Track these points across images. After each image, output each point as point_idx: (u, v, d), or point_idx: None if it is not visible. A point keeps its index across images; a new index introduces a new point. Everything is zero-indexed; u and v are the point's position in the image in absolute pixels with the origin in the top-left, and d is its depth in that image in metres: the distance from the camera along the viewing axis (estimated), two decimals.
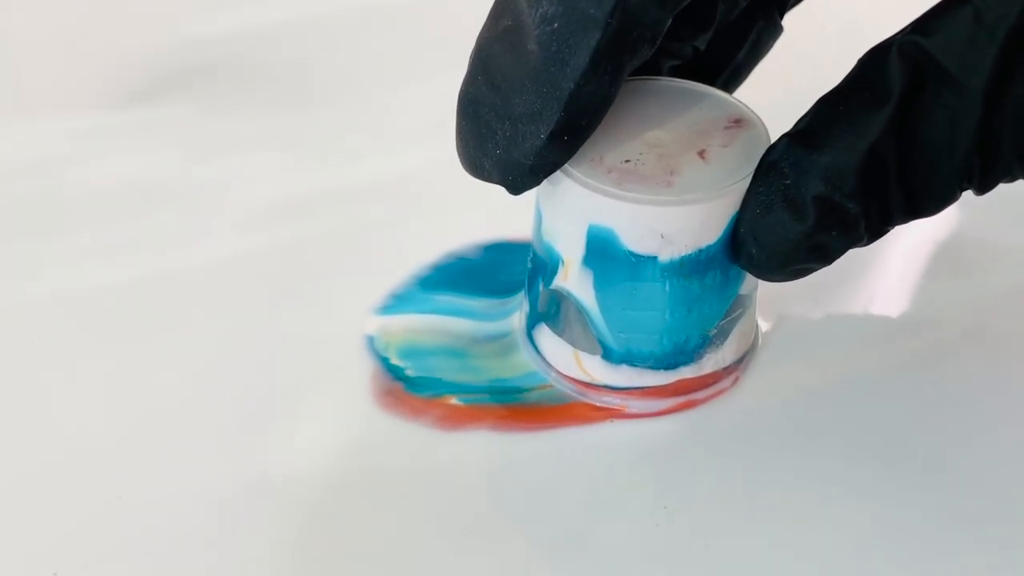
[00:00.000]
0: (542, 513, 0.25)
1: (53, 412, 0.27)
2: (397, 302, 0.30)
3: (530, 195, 0.30)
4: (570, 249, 0.24)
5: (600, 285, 0.24)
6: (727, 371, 0.26)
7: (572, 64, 0.22)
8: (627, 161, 0.24)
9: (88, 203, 0.33)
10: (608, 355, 0.25)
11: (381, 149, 0.35)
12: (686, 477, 0.25)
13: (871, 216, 0.22)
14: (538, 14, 0.22)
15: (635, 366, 0.25)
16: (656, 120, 0.25)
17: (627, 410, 0.26)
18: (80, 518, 0.24)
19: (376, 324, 0.29)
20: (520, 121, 0.23)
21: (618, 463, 0.25)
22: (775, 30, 0.28)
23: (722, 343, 0.26)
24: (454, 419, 0.27)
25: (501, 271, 0.31)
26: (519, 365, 0.28)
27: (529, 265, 0.27)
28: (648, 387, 0.26)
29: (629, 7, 0.21)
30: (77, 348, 0.28)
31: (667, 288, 0.24)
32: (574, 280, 0.25)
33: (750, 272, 0.24)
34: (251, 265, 0.31)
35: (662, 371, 0.25)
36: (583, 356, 0.26)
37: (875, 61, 0.22)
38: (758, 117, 0.25)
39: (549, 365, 0.27)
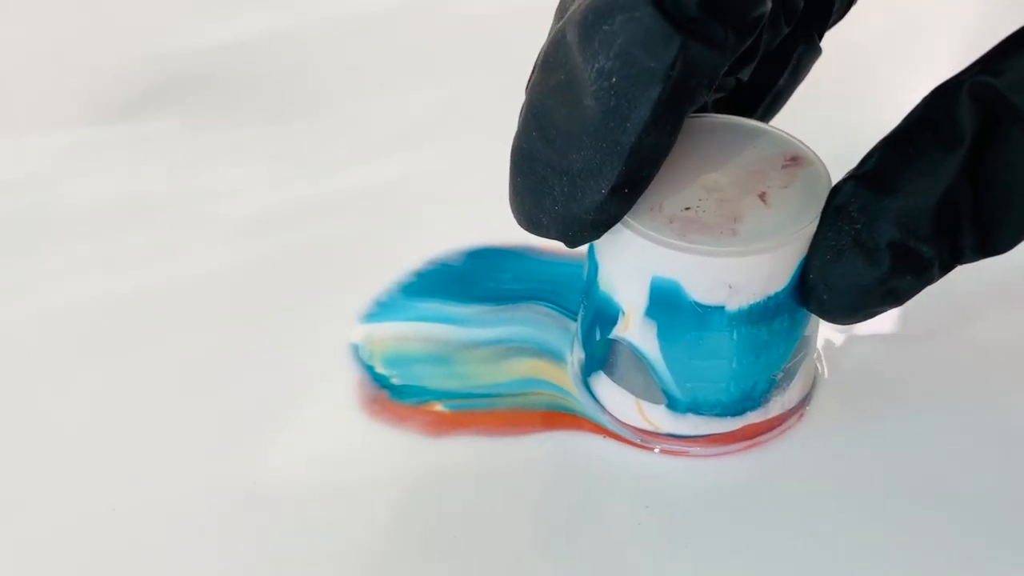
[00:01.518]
0: (528, 518, 0.25)
1: (44, 426, 0.27)
2: (381, 310, 0.30)
3: (500, 196, 0.30)
4: (631, 300, 0.24)
5: (664, 336, 0.24)
6: (792, 411, 0.26)
7: (632, 118, 0.21)
8: (687, 208, 0.23)
9: (75, 218, 0.33)
10: (673, 405, 0.25)
11: (363, 158, 0.35)
12: (666, 479, 0.25)
13: (942, 256, 0.22)
14: (595, 68, 0.21)
15: (701, 415, 0.25)
16: (710, 161, 0.24)
17: (691, 455, 0.26)
18: (73, 530, 0.25)
19: (361, 332, 0.29)
20: (579, 176, 0.22)
21: (602, 467, 0.26)
22: (815, 52, 0.27)
23: (788, 385, 0.25)
24: (440, 426, 0.27)
25: (486, 278, 0.31)
26: (507, 371, 0.28)
27: (582, 312, 0.26)
28: (714, 434, 0.25)
29: (689, 57, 0.21)
30: (66, 361, 0.29)
31: (735, 337, 0.23)
32: (636, 331, 0.24)
33: (820, 317, 0.23)
34: (237, 277, 0.31)
35: (729, 418, 0.25)
36: (646, 406, 0.25)
37: (943, 102, 0.21)
38: (814, 153, 0.24)
39: (608, 413, 0.26)
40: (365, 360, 0.28)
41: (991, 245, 0.22)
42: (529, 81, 0.25)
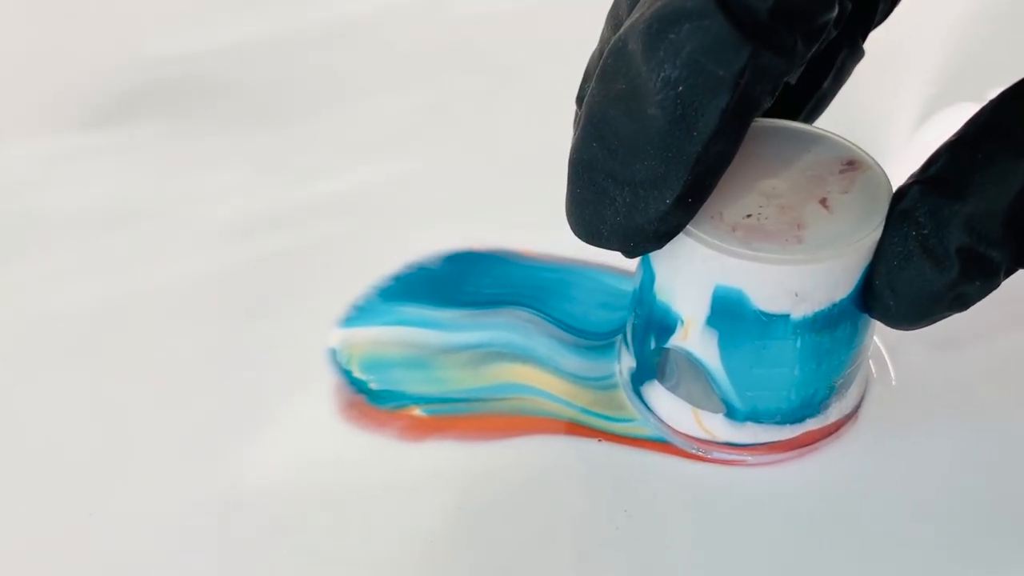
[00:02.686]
0: (506, 522, 0.25)
1: (24, 431, 0.27)
2: (360, 314, 0.30)
3: (489, 202, 0.32)
4: (692, 309, 0.24)
5: (726, 345, 0.24)
6: (848, 417, 0.26)
7: (699, 127, 0.21)
8: (748, 216, 0.23)
9: (57, 223, 0.33)
10: (732, 414, 0.25)
11: (345, 163, 0.35)
12: (646, 483, 0.25)
13: (1010, 260, 0.22)
14: (660, 77, 0.21)
15: (761, 423, 0.25)
16: (767, 167, 0.24)
17: (747, 463, 0.26)
18: (50, 536, 0.25)
19: (339, 337, 0.29)
20: (641, 187, 0.22)
21: (580, 470, 0.26)
22: (858, 54, 0.27)
23: (846, 392, 0.25)
24: (418, 430, 0.27)
25: (465, 282, 0.30)
26: (486, 376, 0.28)
27: (634, 320, 0.26)
28: (772, 442, 0.25)
29: (759, 65, 0.20)
30: (45, 367, 0.28)
31: (798, 345, 0.23)
32: (695, 340, 0.24)
33: (886, 323, 0.23)
34: (217, 282, 0.31)
35: (788, 425, 0.25)
36: (703, 415, 0.25)
37: (1014, 106, 0.21)
38: (871, 157, 0.24)
39: (663, 423, 0.26)
40: (343, 365, 0.28)
41: None
42: (581, 92, 0.25)
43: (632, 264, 0.29)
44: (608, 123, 0.22)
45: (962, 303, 0.22)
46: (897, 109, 0.34)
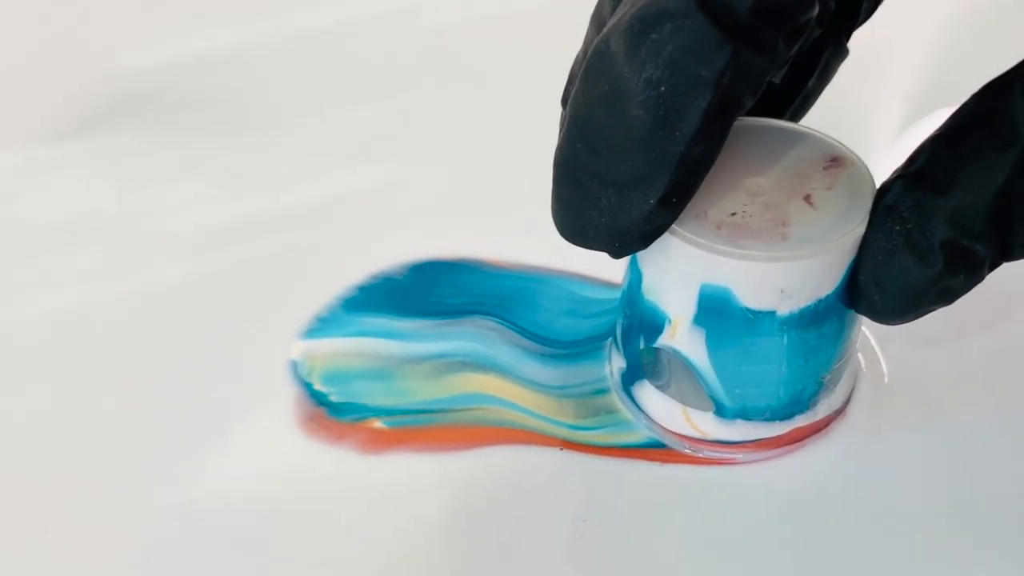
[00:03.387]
0: (464, 534, 0.25)
1: None
2: (322, 325, 0.29)
3: (456, 211, 0.32)
4: (679, 308, 0.24)
5: (713, 343, 0.24)
6: (837, 413, 0.26)
7: (682, 127, 0.21)
8: (733, 214, 0.23)
9: (23, 236, 0.33)
10: (721, 412, 0.25)
11: (311, 174, 0.35)
12: (605, 491, 0.25)
13: (994, 253, 0.22)
14: (642, 78, 0.21)
15: (750, 420, 0.25)
16: (751, 165, 0.24)
17: (738, 460, 0.26)
18: (6, 552, 0.24)
19: (300, 349, 0.29)
20: (626, 187, 0.22)
21: (540, 480, 0.26)
22: (843, 53, 0.27)
23: (834, 387, 0.25)
24: (378, 443, 0.26)
25: (429, 291, 0.30)
26: (449, 386, 0.28)
27: (623, 321, 0.26)
28: (762, 439, 0.25)
29: (740, 65, 0.20)
30: (5, 379, 0.28)
31: (785, 341, 0.23)
32: (683, 339, 0.24)
33: (872, 318, 0.23)
34: (182, 294, 0.31)
35: (777, 422, 0.25)
36: (693, 413, 0.25)
37: (995, 100, 0.21)
38: (854, 153, 0.24)
39: (654, 422, 0.26)
40: (304, 377, 0.28)
41: None
42: (566, 93, 0.25)
43: (599, 270, 0.30)
44: (592, 124, 0.22)
45: (947, 297, 0.22)
46: (882, 107, 0.35)
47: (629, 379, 0.26)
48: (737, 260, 0.22)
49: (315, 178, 0.35)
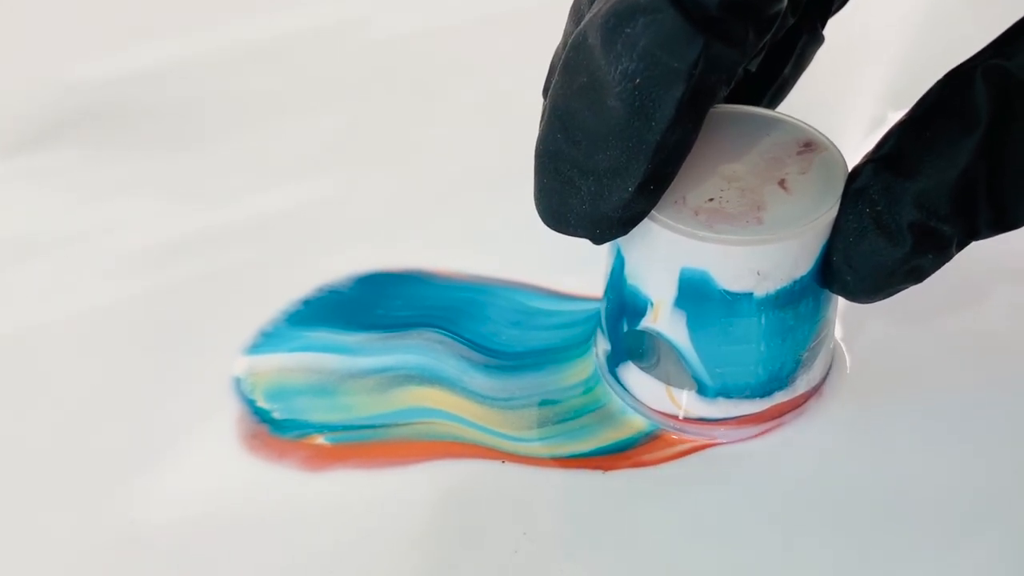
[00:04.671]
0: (404, 551, 0.25)
1: None
2: (266, 340, 0.29)
3: (404, 223, 0.32)
4: (660, 292, 0.25)
5: (694, 325, 0.24)
6: (815, 389, 0.27)
7: (657, 117, 0.22)
8: (711, 200, 0.24)
9: None
10: (703, 390, 0.26)
11: (258, 187, 0.34)
12: (546, 503, 0.26)
13: (960, 234, 0.23)
14: (618, 71, 0.21)
15: (731, 398, 0.26)
16: (727, 152, 0.25)
17: (719, 439, 0.26)
18: None
19: (244, 365, 0.29)
20: (605, 176, 0.22)
21: (482, 494, 0.26)
22: (818, 40, 0.28)
23: (812, 364, 0.26)
24: (319, 459, 0.26)
25: (375, 304, 0.30)
26: (393, 401, 0.28)
27: (607, 305, 0.27)
28: (743, 416, 0.26)
29: (712, 56, 0.21)
30: None
31: (763, 321, 0.24)
32: (665, 321, 0.25)
33: (844, 297, 0.24)
34: (125, 311, 0.30)
35: (757, 399, 0.26)
36: (675, 392, 0.26)
37: (958, 86, 0.22)
38: (827, 138, 0.25)
39: (638, 401, 0.27)
40: (246, 394, 0.28)
41: (1006, 221, 0.23)
42: (547, 84, 0.26)
43: (547, 280, 0.30)
44: (571, 115, 0.23)
45: (917, 276, 0.23)
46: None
47: (614, 361, 0.27)
48: (715, 244, 0.23)
49: (262, 191, 0.34)
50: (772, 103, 0.28)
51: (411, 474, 0.26)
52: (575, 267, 0.30)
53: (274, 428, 0.27)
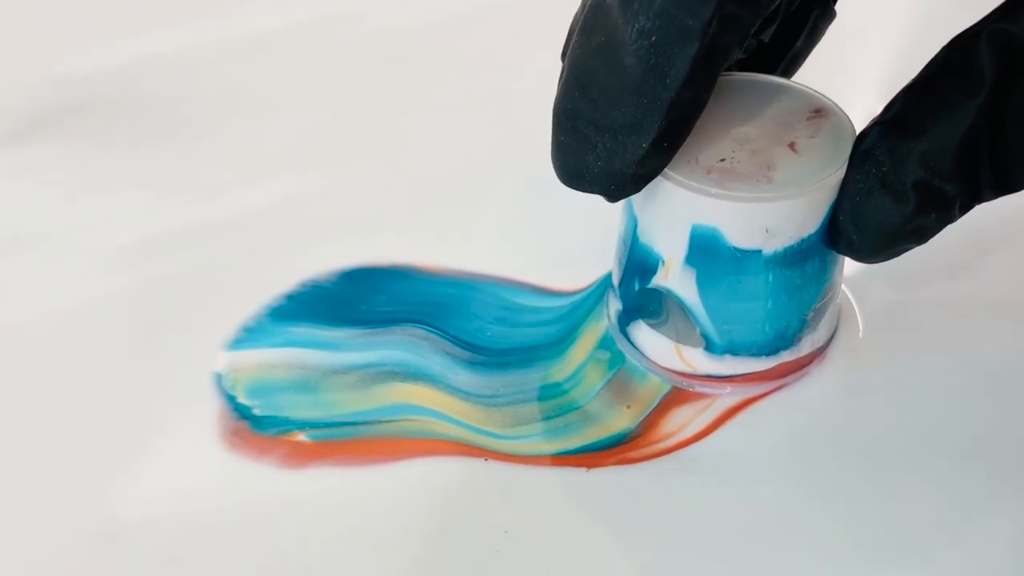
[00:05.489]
0: (384, 549, 0.25)
1: None
2: (248, 336, 0.29)
3: (391, 217, 0.32)
4: (671, 249, 0.25)
5: (703, 282, 0.25)
6: (820, 350, 0.28)
7: (671, 74, 0.22)
8: (722, 160, 0.25)
9: None
10: (711, 347, 0.26)
11: (244, 182, 0.34)
12: (527, 501, 0.25)
13: (963, 195, 0.23)
14: (635, 29, 0.22)
15: (738, 355, 0.26)
16: (739, 116, 0.26)
17: (726, 395, 0.27)
18: None
19: (225, 360, 0.28)
20: (620, 133, 0.23)
21: (463, 492, 0.26)
22: (830, 15, 0.29)
23: (817, 325, 0.27)
24: (300, 456, 0.26)
25: (359, 300, 0.30)
26: (375, 397, 0.27)
27: (620, 267, 0.28)
28: (749, 373, 0.27)
29: (725, 15, 0.22)
30: None
31: (770, 279, 0.25)
32: (675, 279, 0.26)
33: (850, 257, 0.25)
34: (108, 306, 0.30)
35: (763, 357, 0.27)
36: (684, 349, 0.27)
37: (964, 49, 0.23)
38: (836, 104, 0.26)
39: (648, 359, 0.28)
40: (227, 390, 0.28)
41: (1008, 183, 0.23)
42: (565, 47, 0.27)
43: (532, 275, 0.31)
44: (589, 73, 0.23)
45: (920, 235, 0.24)
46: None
47: (625, 320, 0.28)
48: (725, 201, 0.24)
49: (247, 185, 0.34)
50: (784, 75, 0.29)
51: (393, 472, 0.26)
52: (561, 263, 0.30)
53: (255, 425, 0.27)
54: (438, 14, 0.41)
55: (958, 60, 0.23)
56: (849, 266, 0.27)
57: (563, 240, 0.32)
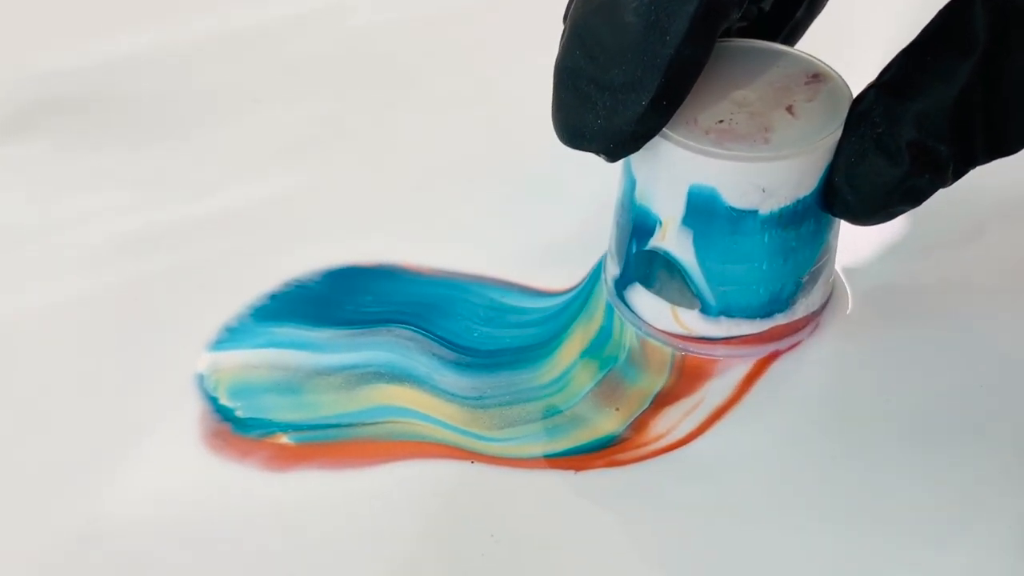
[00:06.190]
0: (368, 553, 0.24)
1: None
2: (231, 336, 0.29)
3: (378, 216, 0.32)
4: (669, 210, 0.26)
5: (700, 242, 0.26)
6: (814, 315, 0.28)
7: (671, 32, 0.23)
8: (721, 122, 0.25)
9: None
10: (706, 309, 0.27)
11: (230, 180, 0.34)
12: (514, 504, 0.25)
13: (957, 157, 0.24)
14: None
15: (732, 317, 0.27)
16: (739, 81, 0.26)
17: (720, 356, 0.28)
18: None
19: (207, 361, 0.28)
20: (620, 91, 0.24)
21: (449, 495, 0.25)
22: None
23: (812, 289, 0.27)
24: (283, 459, 0.26)
25: (345, 300, 0.29)
26: (360, 399, 0.27)
27: (618, 230, 0.28)
28: (745, 335, 0.27)
29: None
30: None
31: (766, 240, 0.25)
32: (672, 240, 0.26)
33: (844, 218, 0.25)
34: (89, 306, 0.30)
35: (758, 320, 0.27)
36: (680, 311, 0.27)
37: (959, 12, 0.23)
38: (834, 70, 0.26)
39: (644, 322, 0.28)
40: (209, 391, 0.27)
41: (1002, 146, 0.24)
42: (567, 9, 0.27)
43: (520, 275, 0.30)
44: (590, 32, 0.24)
45: (915, 197, 0.24)
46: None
47: (622, 284, 0.28)
48: (722, 160, 0.24)
49: (232, 183, 0.34)
50: (785, 44, 0.29)
51: (376, 475, 0.26)
52: (550, 263, 0.30)
53: (237, 427, 0.27)
54: (421, 11, 0.41)
55: (953, 23, 0.23)
56: (844, 240, 0.27)
57: (552, 240, 0.31)
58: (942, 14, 0.24)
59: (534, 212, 0.32)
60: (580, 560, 0.24)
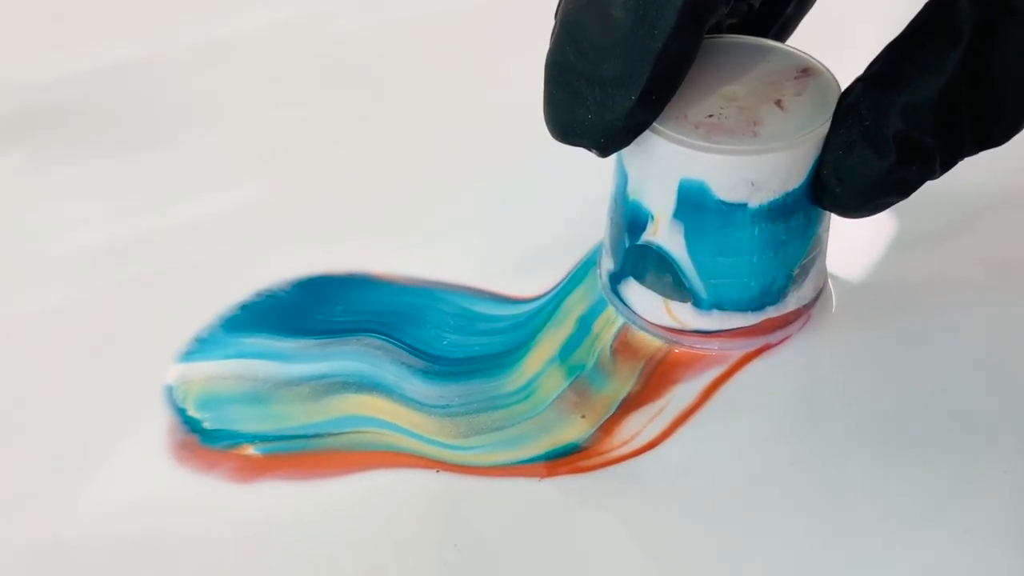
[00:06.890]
0: (332, 563, 0.24)
1: None
2: (201, 347, 0.29)
3: (349, 225, 0.32)
4: (660, 204, 0.26)
5: (691, 236, 0.26)
6: (806, 307, 0.28)
7: (659, 26, 0.23)
8: (710, 116, 0.25)
9: None
10: (698, 303, 0.27)
11: (195, 190, 0.34)
12: (479, 513, 0.25)
13: (944, 149, 0.24)
14: None
15: (724, 310, 0.27)
16: (728, 76, 0.26)
17: (715, 350, 0.28)
18: None
19: (176, 372, 0.28)
20: (610, 85, 0.24)
21: (414, 504, 0.25)
22: None
23: (803, 281, 0.27)
24: (249, 470, 0.26)
25: (315, 309, 0.29)
26: (327, 409, 0.27)
27: (611, 226, 0.28)
28: (736, 328, 0.27)
29: None
30: None
31: (756, 233, 0.25)
32: (664, 234, 0.26)
33: (833, 211, 0.26)
34: (60, 317, 0.30)
35: (750, 312, 0.27)
36: (673, 305, 0.27)
37: (945, 5, 0.23)
38: (823, 65, 0.26)
39: (638, 315, 0.28)
40: (178, 402, 0.27)
41: (988, 138, 0.24)
42: (558, 6, 0.27)
43: (489, 283, 0.30)
44: (580, 27, 0.24)
45: (902, 189, 0.25)
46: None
47: (616, 279, 0.28)
48: (712, 154, 0.24)
49: (205, 193, 0.34)
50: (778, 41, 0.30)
51: (342, 485, 0.26)
52: (521, 270, 0.30)
53: (204, 438, 0.27)
54: (395, 20, 0.41)
55: (939, 15, 0.23)
56: (834, 235, 0.28)
57: (523, 247, 0.31)
58: (928, 7, 0.24)
59: (505, 220, 0.32)
60: (544, 568, 0.24)
